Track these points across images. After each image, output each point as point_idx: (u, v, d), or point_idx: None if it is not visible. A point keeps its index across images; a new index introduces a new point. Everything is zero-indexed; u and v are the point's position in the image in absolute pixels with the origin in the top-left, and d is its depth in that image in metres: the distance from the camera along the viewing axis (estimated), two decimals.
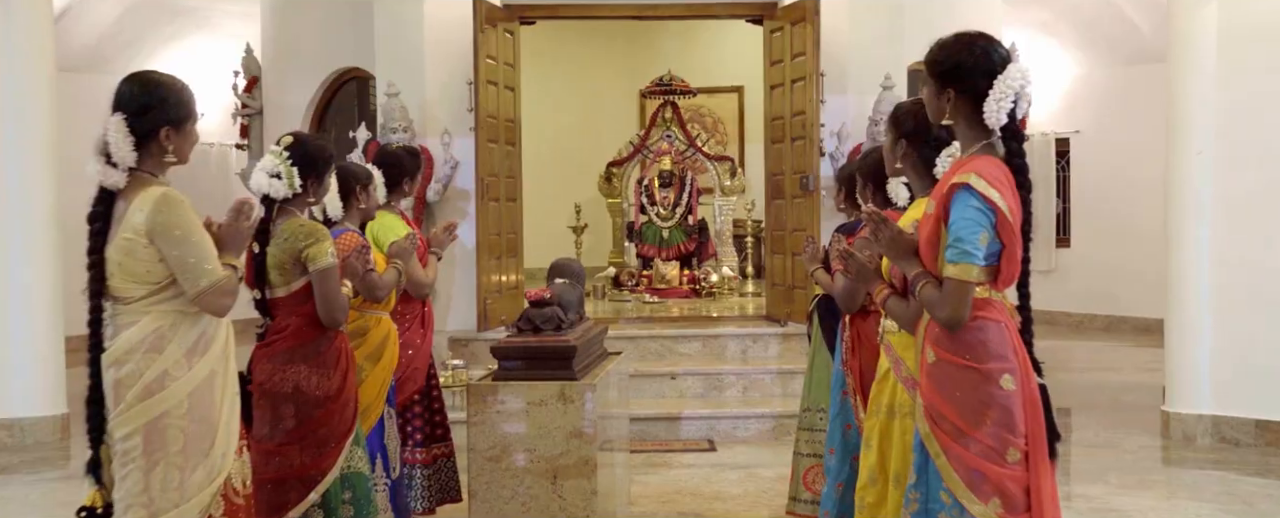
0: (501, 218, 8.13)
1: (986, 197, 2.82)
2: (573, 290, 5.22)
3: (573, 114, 13.56)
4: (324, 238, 3.87)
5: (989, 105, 2.90)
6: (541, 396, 4.66)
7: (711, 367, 7.71)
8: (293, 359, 3.86)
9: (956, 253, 2.83)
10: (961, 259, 2.82)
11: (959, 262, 2.82)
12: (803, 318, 7.88)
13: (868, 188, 4.38)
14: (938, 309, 2.88)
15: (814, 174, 7.79)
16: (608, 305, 10.13)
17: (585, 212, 11.34)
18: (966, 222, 2.83)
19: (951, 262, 2.84)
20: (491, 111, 7.94)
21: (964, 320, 2.84)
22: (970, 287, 2.84)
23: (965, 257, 2.82)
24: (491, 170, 7.94)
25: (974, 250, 2.82)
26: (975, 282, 2.84)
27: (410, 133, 7.92)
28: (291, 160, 3.91)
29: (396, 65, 8.19)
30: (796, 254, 8.05)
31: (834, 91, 8.11)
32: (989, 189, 2.83)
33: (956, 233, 2.83)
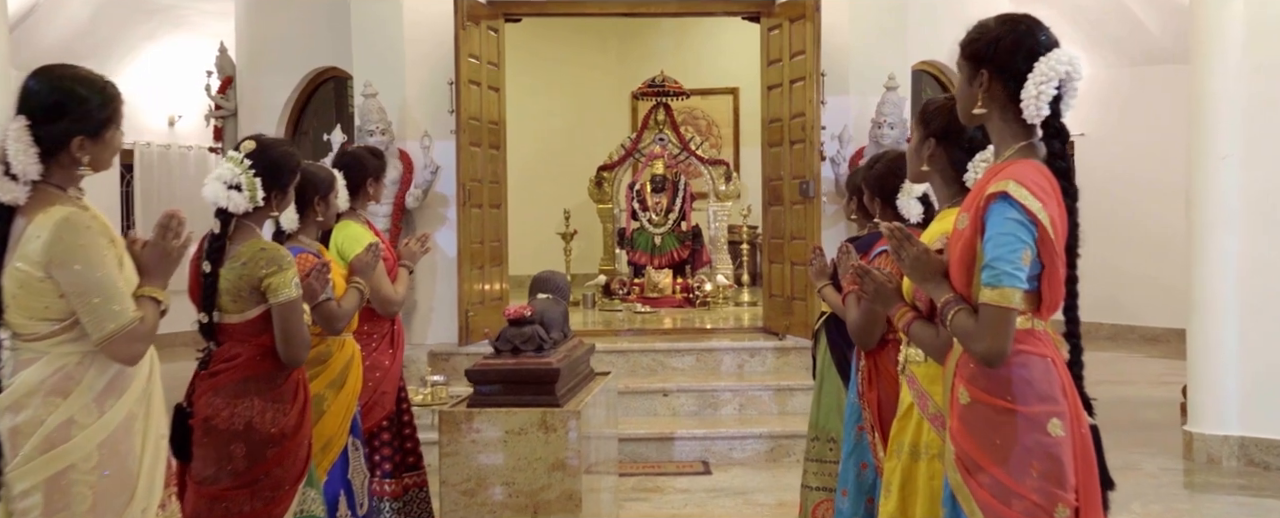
0: (485, 225, 7.71)
1: (1027, 208, 2.42)
2: (556, 307, 4.81)
3: (562, 116, 13.15)
4: (288, 265, 3.40)
5: (1028, 92, 2.49)
6: (521, 423, 4.26)
7: (706, 383, 7.30)
8: (245, 392, 3.42)
9: (994, 275, 2.42)
10: (1001, 282, 2.41)
11: (998, 285, 2.41)
12: (802, 331, 7.48)
13: (875, 201, 3.97)
14: (974, 341, 2.46)
15: (814, 179, 7.39)
16: (598, 315, 9.72)
17: (575, 217, 10.94)
18: (1005, 238, 2.42)
19: (989, 285, 2.43)
20: (474, 113, 7.52)
21: (1005, 354, 2.44)
22: (1012, 314, 2.43)
23: (1005, 279, 2.41)
24: (474, 175, 7.52)
25: (1014, 271, 2.41)
26: (1017, 308, 2.43)
27: (388, 135, 7.51)
28: (253, 169, 3.43)
29: (375, 64, 7.78)
30: (796, 263, 7.65)
31: (834, 92, 7.71)
32: (1030, 199, 2.42)
33: (994, 251, 2.43)
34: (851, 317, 3.84)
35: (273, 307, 3.39)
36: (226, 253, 3.43)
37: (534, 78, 12.81)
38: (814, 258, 4.66)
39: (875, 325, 3.70)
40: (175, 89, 12.10)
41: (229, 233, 3.45)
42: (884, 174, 3.87)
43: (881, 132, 7.55)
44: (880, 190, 3.87)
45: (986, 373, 2.47)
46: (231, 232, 3.45)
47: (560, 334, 4.75)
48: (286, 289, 3.38)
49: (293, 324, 3.40)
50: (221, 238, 3.44)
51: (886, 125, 7.52)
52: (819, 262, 4.63)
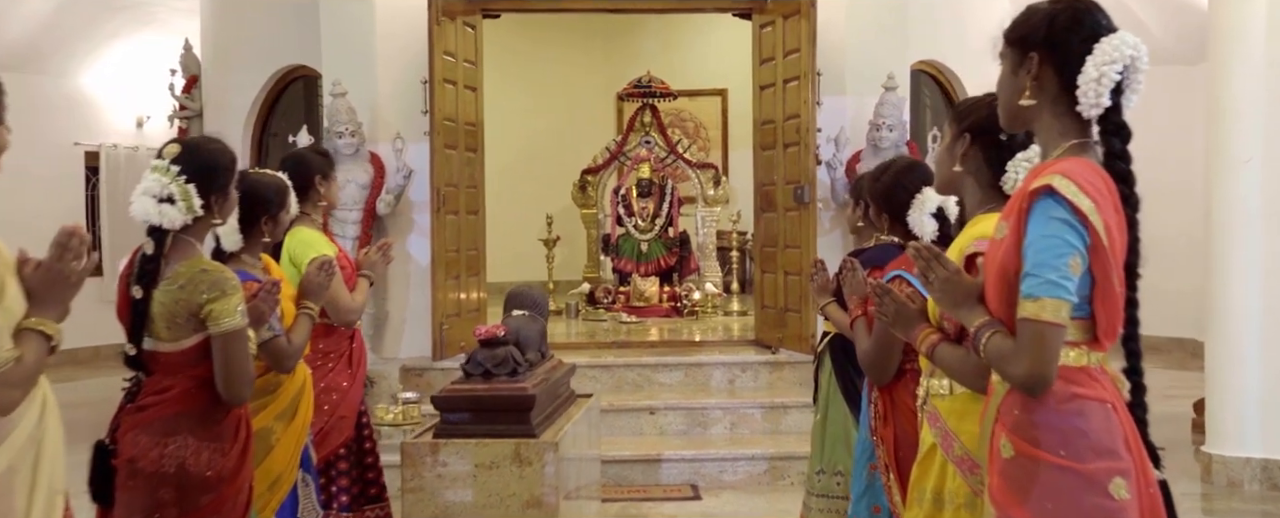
0: (461, 232, 7.29)
1: (1076, 206, 2.03)
2: (533, 324, 4.41)
3: (545, 118, 12.73)
4: (232, 290, 2.96)
5: (1086, 77, 2.11)
6: (492, 456, 3.87)
7: (695, 399, 6.89)
8: (176, 430, 2.99)
9: (1037, 284, 2.02)
10: (1044, 292, 2.01)
11: (1041, 295, 2.01)
12: (796, 344, 7.09)
13: (882, 217, 3.55)
14: (1012, 363, 2.06)
15: (809, 185, 6.99)
16: (581, 325, 9.31)
17: (558, 223, 10.52)
18: (1049, 241, 2.02)
19: (1030, 296, 2.03)
20: (449, 114, 7.11)
21: (1049, 379, 2.04)
22: (1057, 332, 2.03)
23: (1048, 289, 2.01)
24: (449, 179, 7.10)
25: (1060, 280, 2.01)
26: (1062, 324, 2.03)
27: (358, 137, 7.09)
28: (185, 175, 3.00)
29: (345, 62, 7.35)
30: (790, 273, 7.25)
31: (830, 93, 7.31)
32: (1079, 196, 2.03)
33: (1036, 257, 2.03)
34: (863, 346, 3.43)
35: (213, 337, 2.97)
36: (161, 273, 3.01)
37: (515, 78, 12.42)
38: (816, 272, 4.26)
39: (891, 356, 3.29)
40: (143, 89, 11.66)
41: (164, 250, 3.03)
42: (892, 187, 3.46)
43: (880, 134, 7.16)
44: (888, 204, 3.46)
45: (1034, 421, 2.07)
46: (167, 249, 3.03)
47: (537, 355, 4.35)
48: (230, 317, 2.96)
49: (235, 357, 2.99)
50: (155, 257, 3.02)
51: (885, 127, 7.13)
52: (821, 276, 4.23)
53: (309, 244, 4.20)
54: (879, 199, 3.54)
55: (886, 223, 3.53)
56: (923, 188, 3.30)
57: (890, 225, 3.51)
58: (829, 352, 4.24)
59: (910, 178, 3.41)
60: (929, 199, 3.38)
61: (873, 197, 3.60)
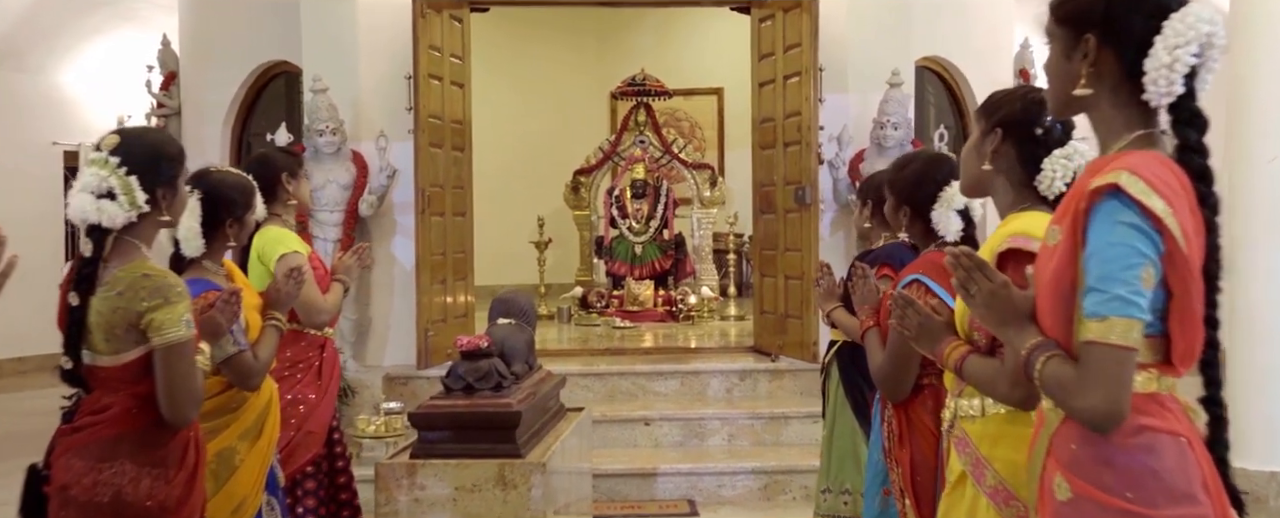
0: (447, 234, 6.99)
1: (1147, 208, 1.73)
2: (520, 334, 4.11)
3: (537, 118, 12.41)
4: (177, 299, 2.66)
5: (1155, 60, 1.81)
6: (474, 478, 3.57)
7: (691, 410, 6.59)
8: (114, 454, 2.69)
9: (1103, 301, 1.72)
10: (1112, 310, 1.72)
11: (1108, 314, 1.72)
12: (796, 351, 6.80)
13: (901, 210, 3.22)
14: (1077, 395, 1.76)
15: (811, 185, 6.70)
16: (574, 331, 9.01)
17: (550, 225, 10.22)
18: (1117, 250, 1.72)
19: (1095, 315, 1.73)
20: (435, 111, 6.80)
21: (1121, 414, 1.74)
22: (1129, 356, 1.73)
23: (1118, 306, 1.71)
24: (435, 179, 6.80)
25: (1130, 296, 1.71)
26: (1133, 347, 1.73)
27: (340, 135, 6.78)
28: (125, 167, 2.70)
29: (326, 57, 7.05)
30: (791, 277, 6.96)
31: (831, 90, 7.01)
32: (1151, 196, 1.73)
33: (1100, 269, 1.73)
34: (876, 359, 3.13)
35: (155, 349, 2.66)
36: (100, 279, 2.71)
37: (506, 76, 12.14)
38: (820, 277, 3.96)
39: (907, 371, 2.99)
40: (124, 87, 11.32)
41: (105, 254, 2.73)
42: (919, 178, 3.13)
43: (884, 133, 6.86)
44: (912, 198, 3.13)
45: (1096, 458, 1.77)
46: (108, 252, 2.73)
47: (524, 367, 4.05)
48: (174, 328, 2.65)
49: (180, 373, 2.68)
50: (94, 261, 2.71)
51: (890, 125, 6.84)
52: (826, 281, 3.93)
53: (278, 241, 3.92)
54: (903, 192, 3.20)
55: (906, 218, 3.17)
56: (950, 182, 3.01)
57: (910, 221, 3.17)
58: (836, 361, 3.95)
59: (938, 170, 3.13)
60: (955, 195, 3.05)
61: (895, 188, 3.23)
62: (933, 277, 2.93)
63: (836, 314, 3.82)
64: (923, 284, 2.93)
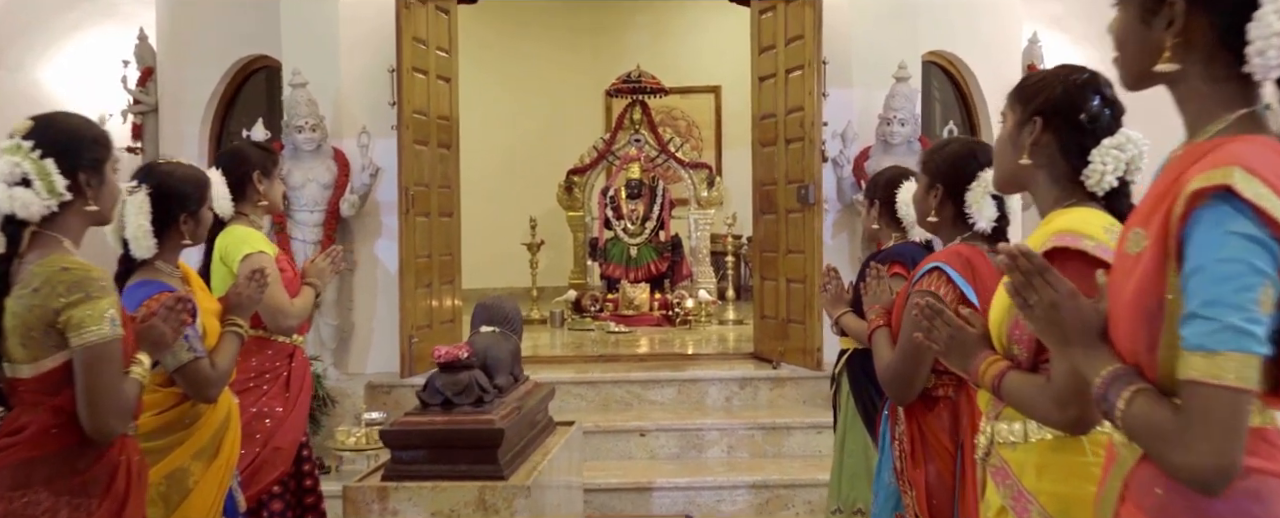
0: (433, 236, 6.67)
1: (1267, 213, 1.41)
2: (504, 344, 3.80)
3: (529, 115, 12.08)
4: (100, 293, 2.37)
5: (1261, 30, 1.48)
6: (452, 503, 3.26)
7: (689, 420, 6.27)
8: (28, 481, 2.38)
9: (1212, 331, 1.40)
10: (1224, 343, 1.40)
11: (1219, 348, 1.40)
12: (799, 358, 6.49)
13: (934, 191, 2.87)
14: (1177, 447, 1.43)
15: (814, 184, 6.38)
16: (567, 335, 8.70)
17: (542, 226, 9.90)
18: (1230, 267, 1.40)
19: (1201, 349, 1.41)
20: (420, 106, 6.48)
21: (1233, 470, 1.41)
22: (1243, 400, 1.41)
23: (1232, 339, 1.39)
24: (419, 178, 6.48)
25: (1248, 325, 1.39)
26: (1251, 390, 1.41)
27: (320, 131, 6.46)
28: (39, 151, 2.43)
29: (305, 49, 6.74)
30: (793, 281, 6.64)
31: (835, 84, 6.70)
32: (1270, 198, 1.41)
33: (1210, 290, 1.41)
34: (884, 358, 2.84)
35: (73, 350, 2.36)
36: (15, 276, 2.40)
37: (498, 74, 11.86)
38: (827, 281, 3.65)
39: (917, 372, 2.72)
40: (104, 84, 10.97)
41: (21, 249, 2.43)
42: (961, 157, 2.83)
43: (890, 129, 6.56)
44: (951, 178, 2.80)
45: (1189, 507, 1.46)
46: (25, 248, 2.43)
47: (508, 379, 3.73)
48: (95, 326, 2.35)
49: (103, 379, 2.38)
50: (8, 257, 2.41)
51: (896, 121, 6.53)
52: (834, 286, 3.62)
53: (243, 241, 3.61)
54: (942, 171, 2.86)
55: (937, 199, 2.84)
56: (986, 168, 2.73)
57: (941, 203, 2.84)
58: (847, 371, 3.64)
59: (980, 152, 2.85)
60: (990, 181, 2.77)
61: (930, 168, 2.91)
62: (956, 267, 2.64)
63: (846, 320, 3.52)
64: (943, 273, 2.64)
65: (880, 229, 3.57)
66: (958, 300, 2.61)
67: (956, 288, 2.64)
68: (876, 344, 2.92)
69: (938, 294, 2.62)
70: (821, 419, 6.09)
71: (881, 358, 2.87)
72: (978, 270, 2.69)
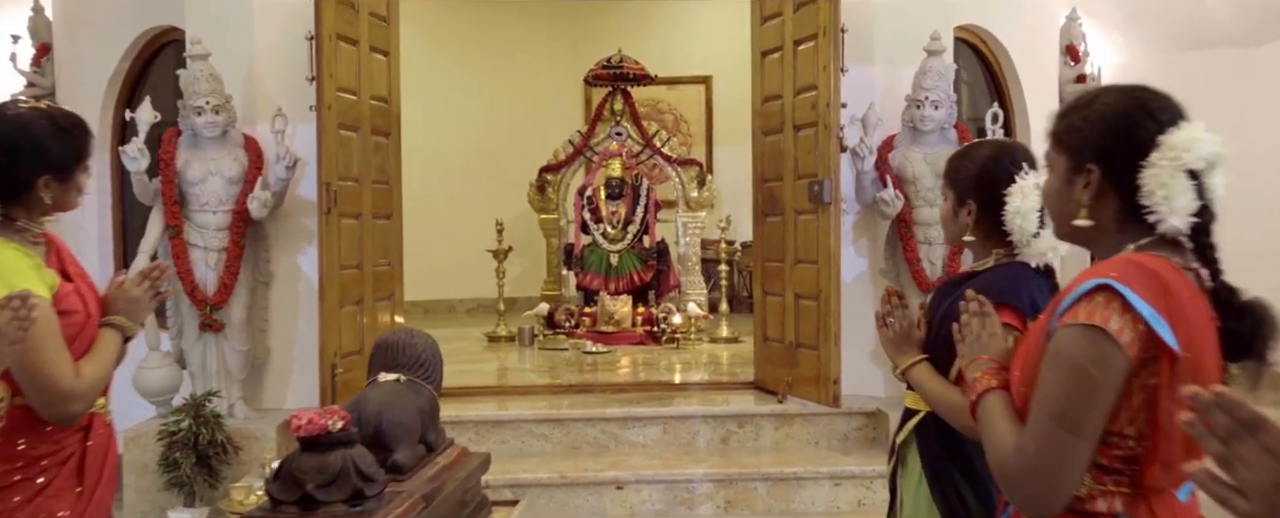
0: (364, 242, 5.48)
1: None
2: (409, 399, 2.62)
3: (501, 109, 10.87)
4: None
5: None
6: None
7: (676, 467, 5.09)
8: None
9: None
10: None
11: None
12: (809, 389, 5.34)
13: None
14: None
15: (831, 178, 5.22)
16: (536, 356, 7.53)
17: (512, 230, 8.72)
18: None
19: None
20: (347, 84, 5.31)
21: None
22: None
23: None
24: (346, 171, 5.30)
25: None
26: None
27: (226, 114, 5.29)
28: None
29: (212, 15, 5.57)
30: (804, 297, 5.48)
31: (853, 60, 5.52)
32: None
33: None
34: (1001, 440, 1.72)
35: None
36: None
37: (465, 63, 10.70)
38: (890, 311, 2.48)
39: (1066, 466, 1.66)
40: None
41: None
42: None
43: (921, 113, 5.41)
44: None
45: None
46: None
47: (414, 453, 2.54)
48: None
49: None
50: None
51: (928, 104, 5.38)
52: (900, 319, 2.46)
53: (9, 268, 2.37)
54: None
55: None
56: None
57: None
58: (917, 444, 2.46)
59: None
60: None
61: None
62: (1137, 287, 1.55)
63: (918, 373, 2.35)
64: (1117, 296, 1.52)
65: (975, 242, 2.43)
66: (1142, 341, 1.52)
67: (1139, 321, 1.53)
68: (986, 418, 1.77)
69: (1105, 331, 1.52)
70: (840, 468, 4.96)
71: (996, 439, 1.74)
72: (1173, 292, 1.58)
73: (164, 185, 5.24)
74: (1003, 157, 2.44)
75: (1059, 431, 1.60)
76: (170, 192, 5.23)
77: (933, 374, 2.34)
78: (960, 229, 2.48)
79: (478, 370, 6.79)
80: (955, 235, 2.52)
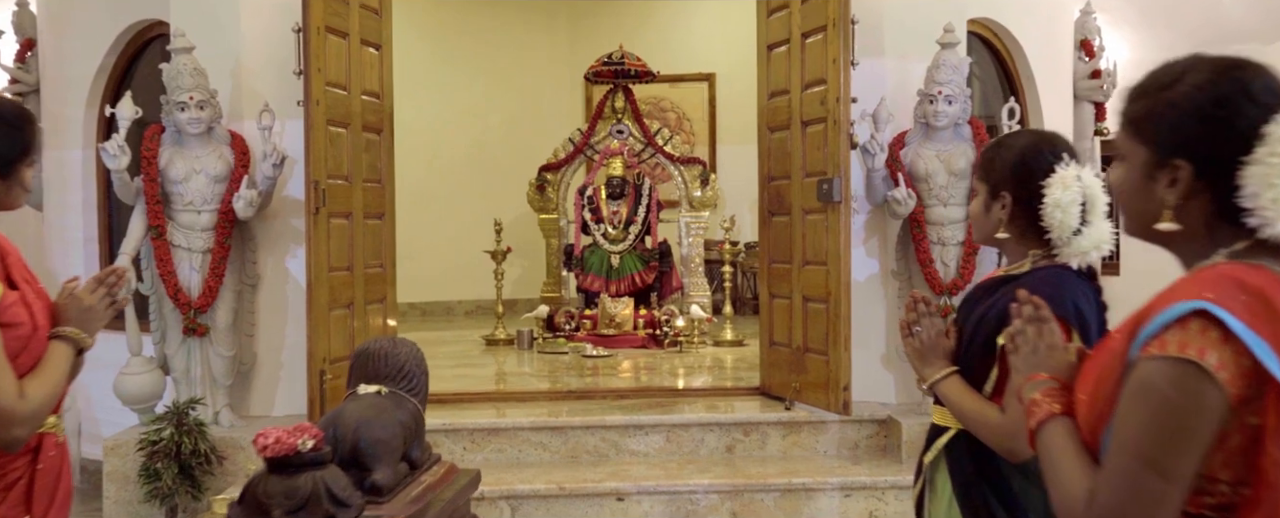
0: (356, 243, 5.27)
1: None
2: (391, 412, 2.42)
3: (499, 108, 10.65)
4: None
5: None
6: None
7: (680, 478, 4.88)
8: None
9: None
10: None
11: None
12: (818, 396, 5.13)
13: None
14: None
15: (841, 176, 5.01)
16: (535, 360, 7.32)
17: (511, 231, 8.51)
18: None
19: None
20: (337, 78, 5.10)
21: None
22: None
23: None
24: (336, 169, 5.10)
25: None
26: None
27: (210, 110, 5.08)
28: None
29: (197, 7, 5.36)
30: (812, 300, 5.27)
31: (863, 53, 5.31)
32: None
33: None
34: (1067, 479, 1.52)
35: None
36: None
37: (462, 61, 10.47)
38: (917, 318, 2.28)
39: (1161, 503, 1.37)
40: None
41: None
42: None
43: (934, 108, 5.19)
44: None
45: None
46: None
47: (395, 472, 2.34)
48: None
49: None
50: None
51: (942, 99, 5.17)
52: (929, 328, 2.25)
53: None
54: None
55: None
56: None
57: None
58: (947, 464, 2.25)
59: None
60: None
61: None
62: (1241, 312, 1.33)
63: (949, 387, 2.14)
64: (1216, 323, 1.31)
65: (1009, 240, 2.22)
66: (1246, 377, 1.29)
67: (1242, 353, 1.31)
68: (1050, 452, 1.55)
69: (1202, 367, 1.29)
70: (852, 478, 4.76)
71: (1064, 481, 1.51)
72: None
73: (146, 184, 5.03)
74: (1042, 146, 2.24)
75: (1145, 474, 1.35)
76: (153, 191, 5.02)
77: (965, 388, 2.13)
78: (993, 226, 2.26)
79: (474, 375, 6.59)
80: (987, 233, 2.29)
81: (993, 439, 2.08)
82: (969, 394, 2.11)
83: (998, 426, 2.07)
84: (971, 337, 2.20)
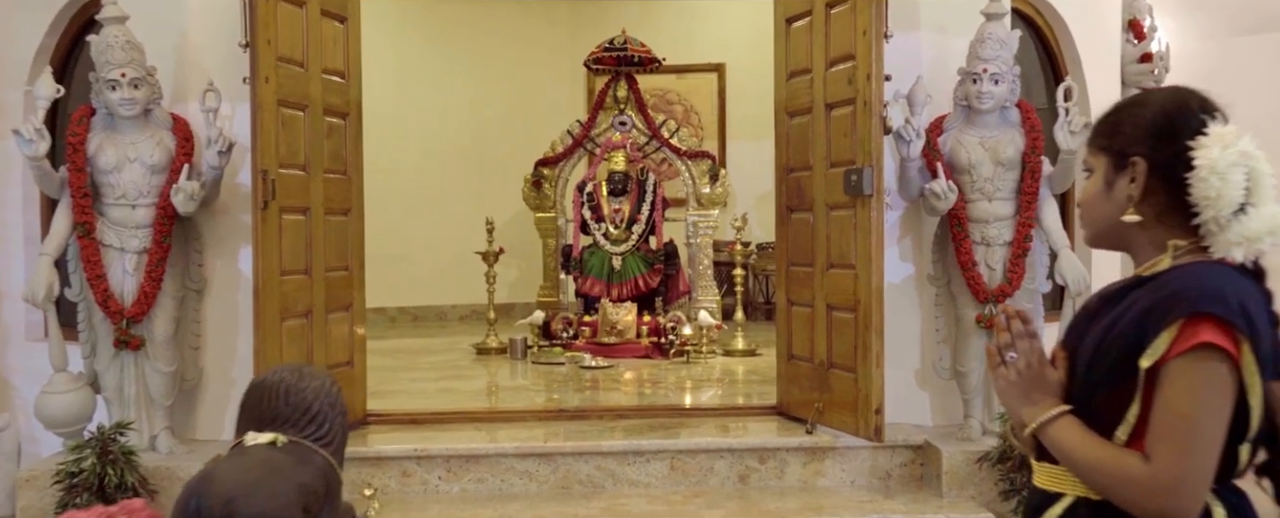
0: (314, 243, 4.61)
1: None
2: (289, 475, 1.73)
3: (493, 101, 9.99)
4: None
5: None
6: None
7: (684, 514, 4.21)
8: None
9: None
10: None
11: None
12: (846, 420, 4.47)
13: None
14: None
15: (873, 166, 4.33)
16: (529, 371, 6.68)
17: (505, 231, 7.87)
18: None
19: None
20: (290, 53, 4.44)
21: None
22: None
23: None
24: (291, 157, 4.44)
25: None
26: None
27: (148, 90, 4.43)
28: None
29: None
30: (838, 309, 4.59)
31: (896, 25, 4.63)
32: None
33: None
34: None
35: None
36: None
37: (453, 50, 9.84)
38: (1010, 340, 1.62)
39: None
40: None
41: None
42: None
43: (978, 88, 4.53)
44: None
45: None
46: None
47: None
48: None
49: None
50: None
51: (987, 78, 4.50)
52: (1027, 353, 1.59)
53: None
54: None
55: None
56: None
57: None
58: None
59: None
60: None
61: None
62: None
63: (1062, 432, 1.51)
64: None
65: (1139, 226, 1.58)
66: None
67: None
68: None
69: None
70: (883, 513, 4.11)
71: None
72: None
73: (72, 175, 4.39)
74: (1191, 101, 1.68)
75: None
76: (79, 182, 4.38)
77: (1085, 433, 1.49)
78: (1120, 205, 1.69)
79: (460, 389, 5.94)
80: (1109, 217, 1.73)
81: (1136, 499, 1.44)
82: (1089, 439, 1.48)
83: (1143, 479, 1.44)
84: (1091, 362, 1.56)
